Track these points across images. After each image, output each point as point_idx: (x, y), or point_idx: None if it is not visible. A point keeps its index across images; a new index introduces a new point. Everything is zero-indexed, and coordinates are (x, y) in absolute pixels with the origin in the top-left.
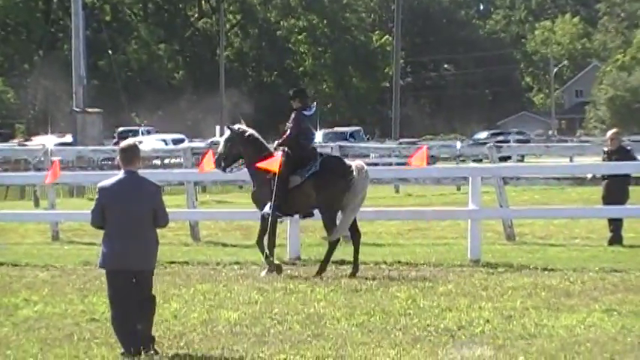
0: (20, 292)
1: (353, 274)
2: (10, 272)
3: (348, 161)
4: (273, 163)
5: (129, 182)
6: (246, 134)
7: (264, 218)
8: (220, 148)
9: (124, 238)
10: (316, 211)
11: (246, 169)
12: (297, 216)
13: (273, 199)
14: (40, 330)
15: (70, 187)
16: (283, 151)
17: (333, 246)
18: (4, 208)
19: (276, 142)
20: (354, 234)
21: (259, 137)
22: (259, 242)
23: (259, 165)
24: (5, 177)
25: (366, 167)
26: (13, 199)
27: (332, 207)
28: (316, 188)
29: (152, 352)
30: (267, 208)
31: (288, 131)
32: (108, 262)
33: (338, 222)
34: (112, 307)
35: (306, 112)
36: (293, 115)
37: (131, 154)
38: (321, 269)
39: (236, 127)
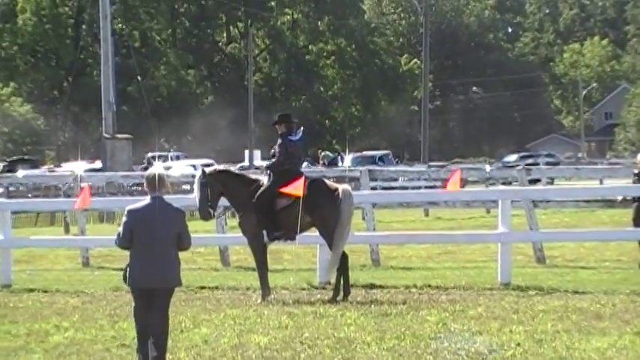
0: (51, 318)
1: (345, 296)
2: (41, 298)
3: (334, 184)
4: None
5: (155, 207)
6: (222, 171)
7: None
8: (200, 194)
9: (149, 259)
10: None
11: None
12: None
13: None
14: (71, 356)
15: (100, 212)
16: (269, 175)
17: (339, 269)
18: (35, 234)
19: (266, 165)
20: (342, 256)
21: (232, 170)
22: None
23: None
24: (35, 203)
25: (350, 190)
26: (43, 225)
27: (326, 226)
28: (306, 210)
29: None
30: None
31: (275, 158)
32: (134, 280)
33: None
34: (135, 323)
35: (292, 138)
36: (280, 141)
37: (156, 182)
38: (335, 294)
39: (211, 169)
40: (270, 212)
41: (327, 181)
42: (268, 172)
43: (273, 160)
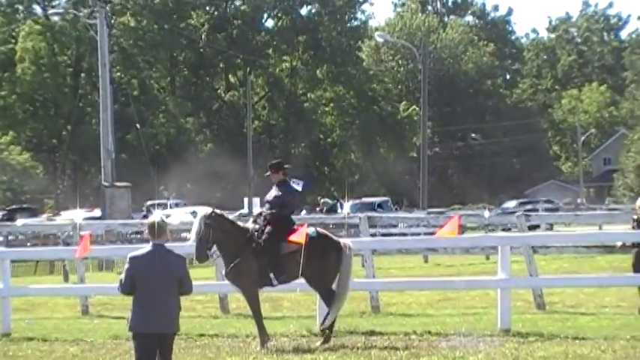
0: None
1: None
2: (41, 347)
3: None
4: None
5: (156, 253)
6: (221, 215)
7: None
8: (202, 235)
9: (152, 304)
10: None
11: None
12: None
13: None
14: None
15: (100, 261)
16: (260, 221)
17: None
18: (34, 282)
19: (263, 213)
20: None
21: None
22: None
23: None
24: (34, 252)
25: (351, 245)
26: (42, 273)
27: (322, 278)
28: (307, 257)
29: None
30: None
31: (276, 208)
32: (136, 325)
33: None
34: None
35: (297, 187)
36: (284, 188)
37: (157, 229)
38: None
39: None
40: (278, 256)
41: (330, 234)
42: (257, 219)
43: (272, 210)
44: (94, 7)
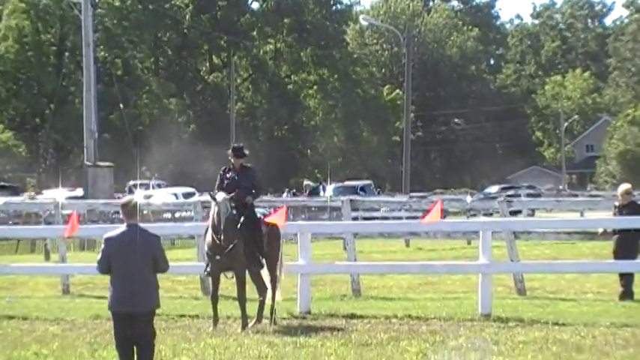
0: (30, 345)
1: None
2: (21, 326)
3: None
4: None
5: (131, 233)
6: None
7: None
8: (228, 214)
9: (128, 283)
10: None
11: None
12: (309, 269)
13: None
14: None
15: (81, 240)
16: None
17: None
18: (15, 261)
19: (249, 197)
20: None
21: None
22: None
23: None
24: (16, 231)
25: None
26: (23, 252)
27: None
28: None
29: None
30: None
31: (257, 188)
32: (112, 304)
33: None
34: (116, 346)
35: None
36: (254, 172)
37: (131, 209)
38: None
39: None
40: (262, 238)
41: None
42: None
43: (256, 192)
44: None
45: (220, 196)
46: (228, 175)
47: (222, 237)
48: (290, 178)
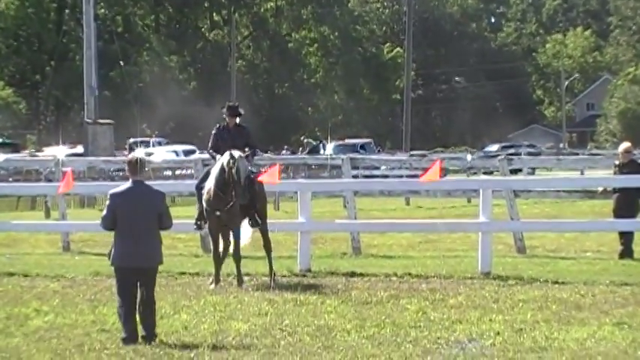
0: (31, 302)
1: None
2: (21, 282)
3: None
4: (273, 175)
5: (136, 190)
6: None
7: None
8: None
9: (132, 239)
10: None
11: None
12: (309, 227)
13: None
14: (50, 340)
15: (81, 197)
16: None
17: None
18: (16, 218)
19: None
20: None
21: None
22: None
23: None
24: (16, 187)
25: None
26: (24, 209)
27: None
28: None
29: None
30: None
31: (253, 148)
32: (117, 260)
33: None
34: (118, 299)
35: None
36: (249, 132)
37: (137, 166)
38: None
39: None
40: (257, 198)
41: None
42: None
43: (257, 149)
44: None
45: (237, 153)
46: (224, 134)
47: (239, 192)
48: (290, 135)
